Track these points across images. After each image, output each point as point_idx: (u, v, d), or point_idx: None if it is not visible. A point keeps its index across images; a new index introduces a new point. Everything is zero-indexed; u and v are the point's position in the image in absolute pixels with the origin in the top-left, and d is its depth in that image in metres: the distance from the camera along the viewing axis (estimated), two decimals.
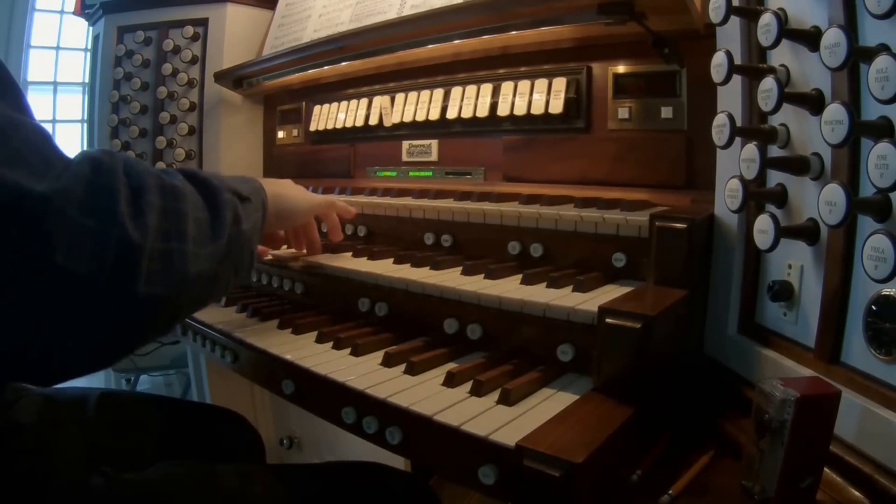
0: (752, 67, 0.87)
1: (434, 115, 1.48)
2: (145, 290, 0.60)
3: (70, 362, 0.62)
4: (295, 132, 1.98)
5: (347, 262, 1.22)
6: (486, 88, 1.40)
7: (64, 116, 4.26)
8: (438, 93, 1.49)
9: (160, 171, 0.70)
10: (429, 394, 0.85)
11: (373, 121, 1.63)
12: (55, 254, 0.54)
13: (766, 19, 0.75)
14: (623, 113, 1.21)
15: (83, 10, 2.48)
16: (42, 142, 0.58)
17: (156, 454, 1.06)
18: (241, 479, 0.93)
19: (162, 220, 0.63)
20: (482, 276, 1.05)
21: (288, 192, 1.11)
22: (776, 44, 0.75)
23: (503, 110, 1.35)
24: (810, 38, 0.74)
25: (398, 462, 1.61)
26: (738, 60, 0.84)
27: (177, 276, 0.64)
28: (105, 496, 0.81)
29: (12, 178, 0.52)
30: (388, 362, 0.95)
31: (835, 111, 0.64)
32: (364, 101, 1.67)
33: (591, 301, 0.88)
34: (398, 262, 1.19)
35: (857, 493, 0.65)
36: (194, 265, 0.66)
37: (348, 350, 1.02)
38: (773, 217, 0.75)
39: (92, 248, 0.56)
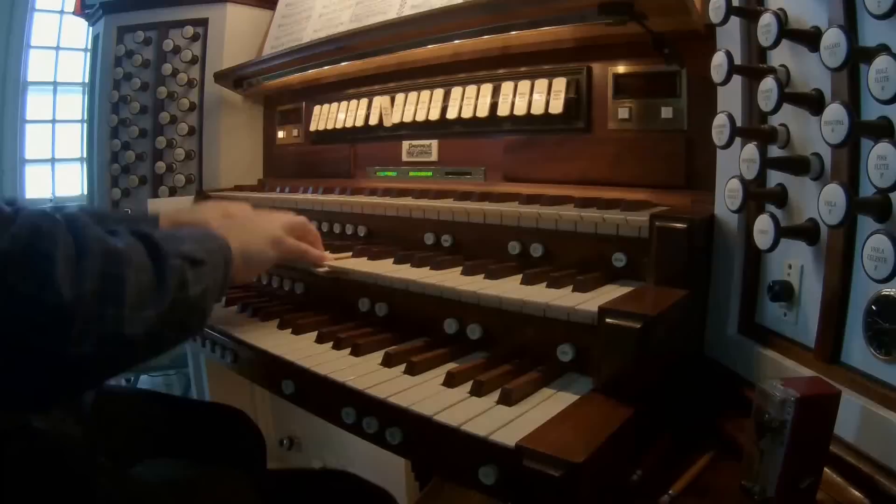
0: (752, 68, 0.87)
1: (434, 115, 1.48)
2: (76, 350, 0.63)
3: (20, 405, 0.67)
4: (295, 132, 1.98)
5: (347, 262, 1.22)
6: (487, 88, 1.40)
7: (64, 116, 4.26)
8: (438, 93, 1.49)
9: (111, 233, 0.71)
10: (429, 394, 0.84)
11: (373, 121, 1.63)
12: None
13: (766, 20, 0.75)
14: (623, 113, 1.21)
15: (83, 10, 2.48)
16: None
17: (155, 451, 1.07)
18: (229, 488, 0.93)
19: (99, 284, 0.65)
20: (482, 276, 1.05)
21: (257, 239, 1.08)
22: (776, 44, 0.75)
23: (503, 110, 1.35)
24: (810, 39, 0.74)
25: (398, 462, 1.61)
26: (738, 61, 0.84)
27: (109, 338, 0.67)
28: (110, 499, 0.81)
29: None
30: (388, 362, 0.95)
31: (835, 111, 0.64)
32: (364, 101, 1.67)
33: (591, 301, 0.88)
34: (398, 262, 1.19)
35: (856, 493, 0.65)
36: (130, 328, 0.68)
37: (348, 350, 1.02)
38: (774, 217, 0.76)
39: (25, 311, 0.60)
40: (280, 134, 2.04)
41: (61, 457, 0.81)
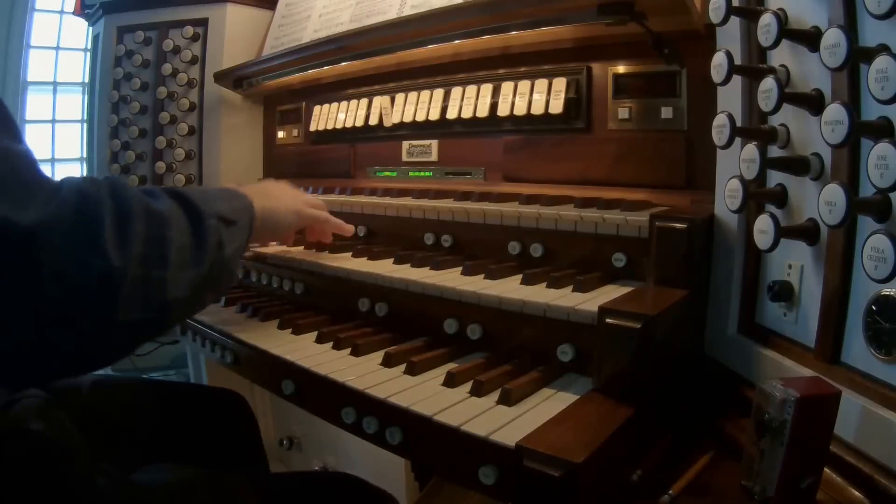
0: (752, 68, 0.87)
1: (434, 115, 1.48)
2: (123, 315, 0.63)
3: (46, 372, 0.67)
4: (295, 132, 1.98)
5: (347, 262, 1.22)
6: (486, 88, 1.40)
7: (64, 116, 4.26)
8: (438, 93, 1.49)
9: (148, 193, 0.71)
10: (429, 394, 0.85)
11: (373, 121, 1.63)
12: (41, 281, 0.57)
13: (766, 20, 0.75)
14: (623, 113, 1.21)
15: (83, 10, 2.48)
16: (27, 168, 0.60)
17: (150, 434, 1.07)
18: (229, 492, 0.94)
19: (145, 247, 0.65)
20: (482, 276, 1.05)
21: (278, 205, 1.10)
22: (776, 44, 0.75)
23: (503, 110, 1.35)
24: (810, 39, 0.74)
25: (398, 462, 1.61)
26: (738, 61, 0.84)
27: (155, 301, 0.67)
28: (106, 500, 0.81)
29: (0, 210, 0.55)
30: (388, 362, 0.95)
31: (835, 111, 0.64)
32: (364, 101, 1.67)
33: (591, 301, 0.88)
34: (398, 262, 1.19)
35: (857, 493, 0.65)
36: (173, 291, 0.69)
37: (348, 350, 1.02)
38: (773, 217, 0.76)
39: (75, 276, 0.59)
40: (280, 134, 2.04)
41: (59, 459, 0.81)
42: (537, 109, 1.30)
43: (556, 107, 1.27)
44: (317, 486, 1.09)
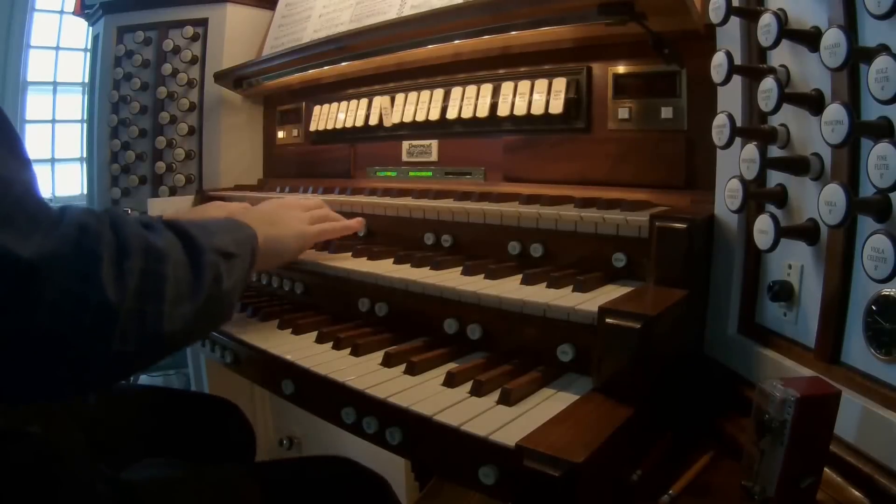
0: (752, 68, 0.87)
1: (434, 115, 1.48)
2: (117, 348, 0.63)
3: (40, 396, 0.68)
4: (295, 132, 1.98)
5: (347, 262, 1.22)
6: (486, 88, 1.40)
7: (64, 116, 4.26)
8: (438, 93, 1.49)
9: (147, 227, 0.72)
10: (429, 394, 0.85)
11: (373, 121, 1.63)
12: (36, 314, 0.57)
13: (766, 20, 0.75)
14: (623, 113, 1.21)
15: (83, 10, 2.47)
16: (31, 198, 0.61)
17: (146, 442, 1.07)
18: (223, 483, 0.94)
19: (141, 282, 0.66)
20: (482, 276, 1.05)
21: (282, 232, 1.09)
22: (776, 44, 0.75)
23: (503, 110, 1.35)
24: (810, 39, 0.74)
25: (398, 462, 1.61)
26: (738, 61, 0.84)
27: (149, 335, 0.67)
28: (103, 499, 0.81)
29: (2, 242, 0.55)
30: (388, 362, 0.95)
31: (835, 111, 0.64)
32: (364, 101, 1.67)
33: (591, 301, 0.88)
34: (398, 262, 1.19)
35: (857, 493, 0.65)
36: (169, 325, 0.69)
37: (348, 350, 1.02)
38: (774, 217, 0.76)
39: (72, 310, 0.60)
40: (280, 134, 2.04)
41: (57, 460, 0.81)
42: (537, 109, 1.30)
43: (556, 107, 1.27)
44: (310, 470, 1.10)
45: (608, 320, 0.80)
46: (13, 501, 0.74)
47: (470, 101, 1.42)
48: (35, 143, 4.18)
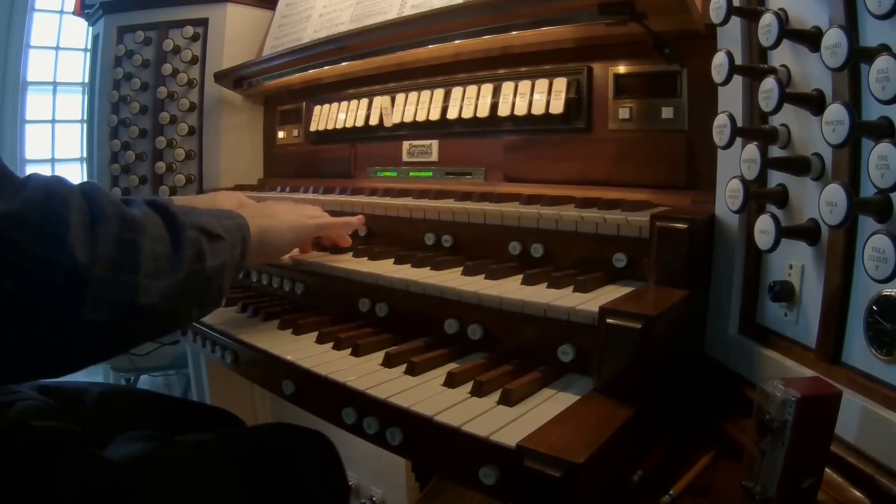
0: (753, 68, 0.87)
1: (434, 115, 1.48)
2: (90, 315, 0.63)
3: (19, 372, 0.67)
4: (295, 132, 1.98)
5: (348, 262, 1.22)
6: (487, 89, 1.40)
7: (64, 116, 4.26)
8: (439, 93, 1.49)
9: (124, 200, 0.71)
10: (429, 394, 0.84)
11: (373, 121, 1.63)
12: (4, 278, 0.57)
13: (767, 20, 0.75)
14: (624, 113, 1.21)
15: (83, 10, 2.48)
16: None
17: None
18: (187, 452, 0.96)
19: (115, 249, 0.65)
20: (483, 276, 1.05)
21: (275, 224, 1.08)
22: (777, 44, 0.75)
23: (504, 110, 1.35)
24: (811, 39, 0.74)
25: (399, 462, 1.61)
26: (738, 61, 0.84)
27: (123, 305, 0.66)
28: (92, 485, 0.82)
29: None
30: (388, 363, 0.95)
31: (835, 111, 0.63)
32: (364, 101, 1.67)
33: (591, 301, 0.88)
34: (399, 262, 1.18)
35: (857, 494, 0.65)
36: (144, 297, 0.68)
37: (349, 350, 1.02)
38: (774, 217, 0.75)
39: (40, 273, 0.59)
40: (280, 134, 2.04)
41: (58, 451, 0.81)
42: (538, 109, 1.30)
43: (557, 107, 1.27)
44: (270, 437, 1.11)
45: (609, 320, 0.80)
46: (14, 492, 0.74)
47: (470, 101, 1.42)
48: (35, 143, 4.18)
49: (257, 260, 1.08)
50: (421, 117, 1.50)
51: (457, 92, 1.45)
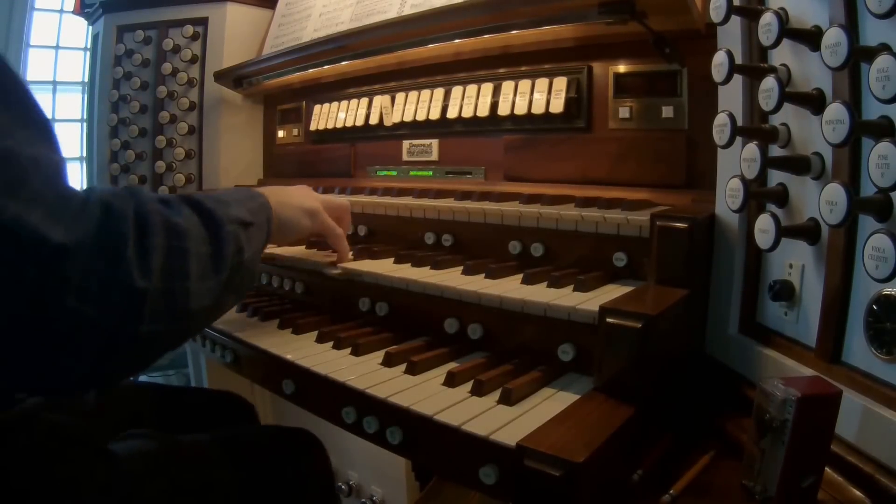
0: (753, 67, 0.87)
1: (434, 114, 1.48)
2: (148, 328, 0.64)
3: (75, 385, 0.68)
4: (295, 131, 1.98)
5: (348, 261, 1.22)
6: (487, 88, 1.40)
7: (63, 116, 4.25)
8: (439, 92, 1.49)
9: (164, 203, 0.72)
10: (429, 393, 0.85)
11: (373, 120, 1.63)
12: (67, 295, 0.58)
13: (767, 19, 0.75)
14: (624, 112, 1.21)
15: (83, 9, 2.47)
16: (59, 180, 0.61)
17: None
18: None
19: (166, 260, 0.66)
20: (483, 275, 1.05)
21: (294, 202, 1.07)
22: (777, 43, 0.75)
23: (504, 110, 1.35)
24: (811, 38, 0.73)
25: (399, 462, 1.61)
26: (738, 60, 0.84)
27: (179, 312, 0.68)
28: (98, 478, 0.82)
29: (32, 221, 0.56)
30: (388, 362, 0.95)
31: (836, 111, 0.63)
32: (364, 100, 1.67)
33: (591, 301, 0.88)
34: (399, 261, 1.18)
35: (857, 493, 0.65)
36: (196, 301, 0.70)
37: (349, 350, 1.02)
38: (774, 216, 0.75)
39: (100, 291, 0.60)
40: (280, 133, 2.04)
41: (68, 444, 0.82)
42: (538, 109, 1.30)
43: (557, 106, 1.27)
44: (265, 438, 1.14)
45: (609, 320, 0.80)
46: (28, 482, 0.75)
47: (470, 101, 1.42)
48: None
49: (277, 240, 1.08)
50: (421, 116, 1.50)
51: (457, 91, 1.45)
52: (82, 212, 0.60)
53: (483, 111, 1.39)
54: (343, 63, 1.64)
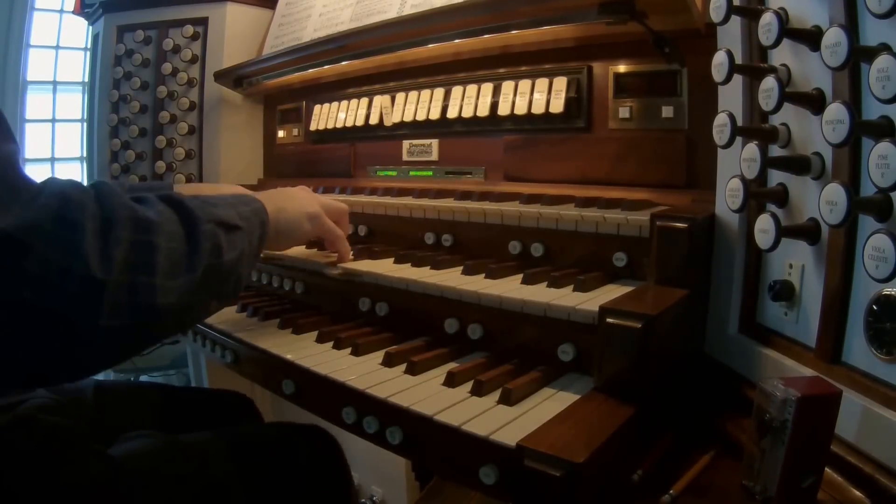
0: (753, 67, 0.87)
1: (434, 114, 1.48)
2: (108, 322, 0.62)
3: (39, 379, 0.68)
4: (295, 131, 1.98)
5: (348, 261, 1.22)
6: (487, 88, 1.40)
7: (63, 116, 4.25)
8: (439, 92, 1.49)
9: (141, 200, 0.70)
10: (429, 394, 0.84)
11: (373, 120, 1.63)
12: (21, 287, 0.57)
13: (767, 19, 0.75)
14: (624, 112, 1.21)
15: (83, 9, 2.47)
16: (11, 170, 0.60)
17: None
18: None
19: (129, 253, 0.64)
20: (483, 275, 1.05)
21: (292, 207, 1.06)
22: (777, 43, 0.75)
23: (504, 110, 1.35)
24: (811, 38, 0.73)
25: (399, 462, 1.61)
26: (738, 60, 0.84)
27: (142, 308, 0.66)
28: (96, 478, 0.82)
29: None
30: (388, 362, 0.95)
31: (836, 111, 0.63)
32: (364, 100, 1.67)
33: (591, 301, 0.88)
34: (399, 261, 1.18)
35: (857, 493, 0.65)
36: (163, 297, 0.67)
37: (349, 350, 1.02)
38: (774, 217, 0.75)
39: (56, 282, 0.59)
40: (280, 133, 2.04)
41: (61, 444, 0.82)
42: (538, 109, 1.30)
43: (557, 106, 1.27)
44: (252, 438, 1.12)
45: (609, 320, 0.80)
46: (22, 481, 0.75)
47: (470, 101, 1.42)
48: (35, 142, 4.17)
49: (275, 246, 1.07)
50: (421, 116, 1.50)
51: (457, 91, 1.45)
52: (35, 200, 0.59)
53: (483, 111, 1.39)
54: (343, 63, 1.64)
